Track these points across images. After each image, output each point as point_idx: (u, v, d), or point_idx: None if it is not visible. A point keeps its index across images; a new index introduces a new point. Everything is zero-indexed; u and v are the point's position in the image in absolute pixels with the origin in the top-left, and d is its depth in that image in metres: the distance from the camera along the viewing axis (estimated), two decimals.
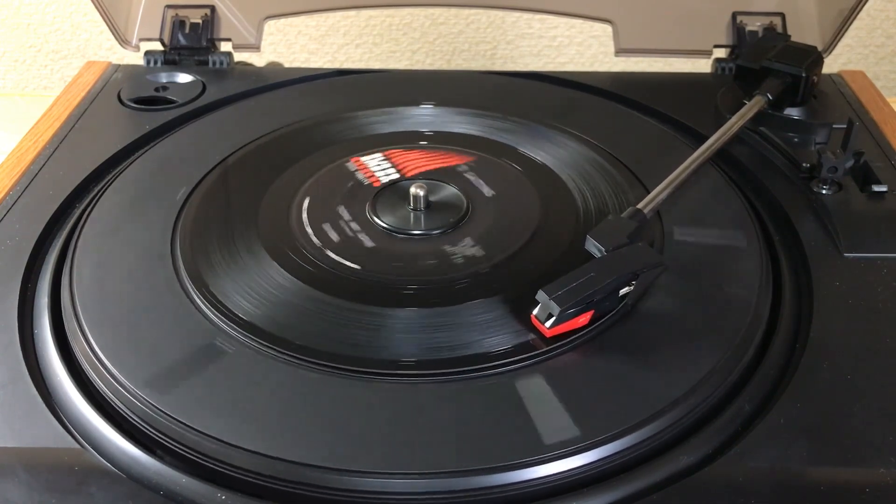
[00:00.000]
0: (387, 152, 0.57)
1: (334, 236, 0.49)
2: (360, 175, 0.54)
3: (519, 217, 0.51)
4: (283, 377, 0.40)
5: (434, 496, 0.35)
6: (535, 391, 0.39)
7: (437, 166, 0.55)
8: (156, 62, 0.70)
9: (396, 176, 0.54)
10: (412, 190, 0.51)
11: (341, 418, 0.38)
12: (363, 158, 0.56)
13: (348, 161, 0.56)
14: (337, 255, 0.48)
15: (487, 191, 0.53)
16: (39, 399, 0.39)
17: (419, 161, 0.56)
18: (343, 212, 0.51)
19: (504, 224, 0.50)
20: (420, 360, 0.41)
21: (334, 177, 0.55)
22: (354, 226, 0.50)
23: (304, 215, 0.51)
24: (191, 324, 0.43)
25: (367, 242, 0.49)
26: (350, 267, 0.47)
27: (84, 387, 0.40)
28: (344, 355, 0.41)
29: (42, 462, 0.36)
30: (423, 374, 0.40)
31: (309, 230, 0.50)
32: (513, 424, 0.37)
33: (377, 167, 0.55)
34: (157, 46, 0.71)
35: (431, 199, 0.51)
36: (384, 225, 0.50)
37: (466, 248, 0.48)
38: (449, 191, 0.53)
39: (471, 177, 0.54)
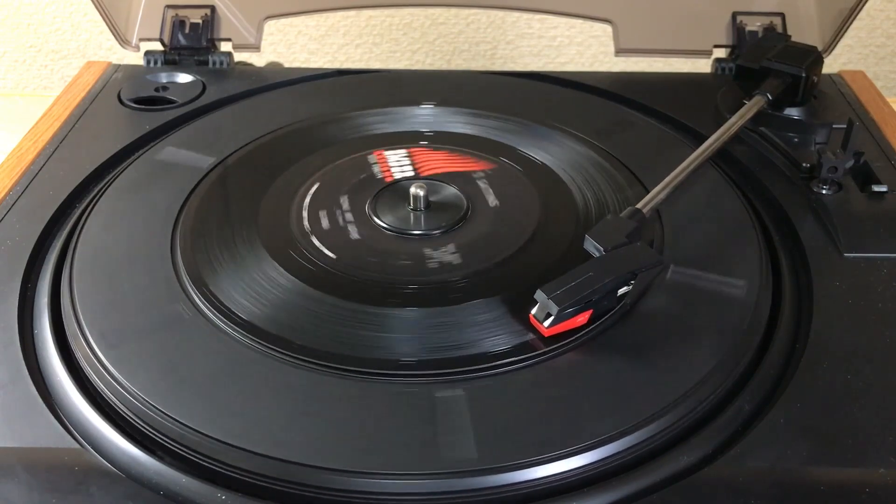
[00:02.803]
0: (410, 149, 0.57)
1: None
2: (374, 168, 0.55)
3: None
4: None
5: (434, 496, 0.35)
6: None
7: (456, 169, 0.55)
8: (156, 62, 0.70)
9: (411, 173, 0.55)
10: (412, 190, 0.51)
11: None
12: (386, 153, 0.56)
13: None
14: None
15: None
16: (39, 399, 0.39)
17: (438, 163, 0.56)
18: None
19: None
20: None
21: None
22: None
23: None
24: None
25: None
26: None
27: (84, 387, 0.40)
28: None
29: (42, 462, 0.36)
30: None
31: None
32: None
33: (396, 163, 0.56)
34: (157, 46, 0.71)
35: (431, 199, 0.51)
36: (384, 225, 0.50)
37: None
38: (449, 191, 0.53)
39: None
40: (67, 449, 0.37)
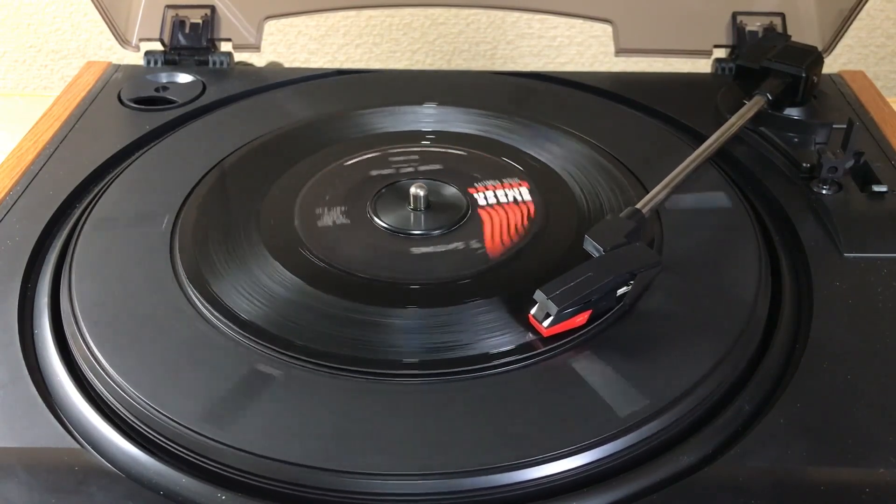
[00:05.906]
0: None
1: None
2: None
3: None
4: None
5: (433, 497, 0.35)
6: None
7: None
8: (156, 62, 0.70)
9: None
10: (412, 190, 0.51)
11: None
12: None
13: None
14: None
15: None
16: (39, 399, 0.39)
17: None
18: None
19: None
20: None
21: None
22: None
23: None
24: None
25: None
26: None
27: (84, 387, 0.40)
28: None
29: (42, 462, 0.36)
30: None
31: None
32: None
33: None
34: (158, 46, 0.71)
35: (432, 199, 0.51)
36: (385, 225, 0.50)
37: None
38: (449, 191, 0.53)
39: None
40: (67, 449, 0.37)
